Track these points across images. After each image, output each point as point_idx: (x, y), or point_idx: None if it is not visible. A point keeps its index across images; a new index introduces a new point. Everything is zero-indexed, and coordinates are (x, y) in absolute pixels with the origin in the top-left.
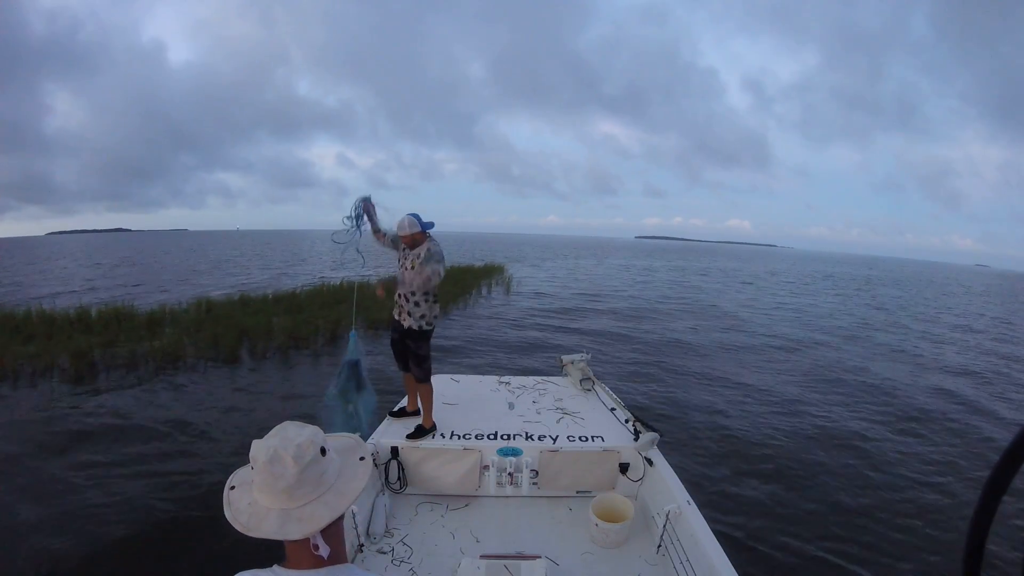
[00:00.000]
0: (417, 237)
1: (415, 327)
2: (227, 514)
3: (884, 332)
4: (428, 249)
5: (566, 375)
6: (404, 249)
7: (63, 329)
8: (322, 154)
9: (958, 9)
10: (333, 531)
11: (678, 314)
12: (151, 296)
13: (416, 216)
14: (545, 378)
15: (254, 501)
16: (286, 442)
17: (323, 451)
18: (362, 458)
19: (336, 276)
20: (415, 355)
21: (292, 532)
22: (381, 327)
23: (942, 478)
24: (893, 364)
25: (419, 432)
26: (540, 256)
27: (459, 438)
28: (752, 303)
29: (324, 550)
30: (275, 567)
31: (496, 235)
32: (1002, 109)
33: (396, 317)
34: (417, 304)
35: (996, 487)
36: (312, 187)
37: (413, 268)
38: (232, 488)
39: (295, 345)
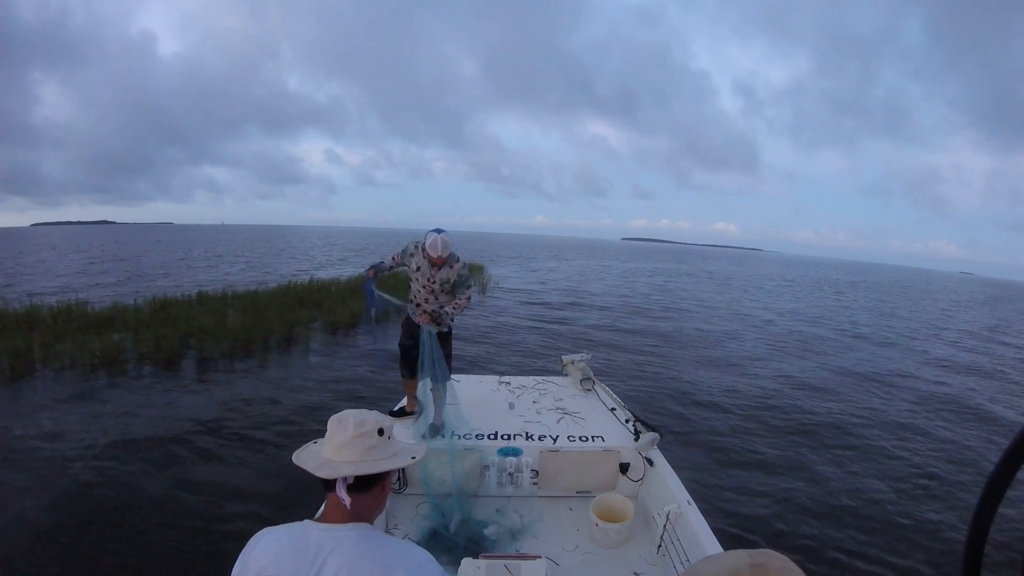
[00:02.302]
0: (448, 257)
1: (445, 330)
2: (304, 446)
3: (883, 335)
4: (459, 275)
5: (566, 375)
6: (431, 267)
7: (8, 328)
8: (310, 150)
9: (954, 14)
10: (369, 499)
11: (678, 317)
12: (120, 289)
13: (442, 232)
14: (545, 378)
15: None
16: (358, 413)
17: (381, 431)
18: (413, 457)
19: (304, 275)
20: (442, 355)
21: (320, 471)
22: (340, 330)
23: (945, 478)
24: (900, 364)
25: (434, 431)
26: (531, 256)
27: (459, 438)
28: (750, 306)
29: (346, 500)
30: (305, 520)
31: (484, 234)
32: (993, 117)
33: (419, 324)
34: (447, 313)
35: (996, 487)
36: (300, 183)
37: (442, 289)
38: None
39: (243, 348)
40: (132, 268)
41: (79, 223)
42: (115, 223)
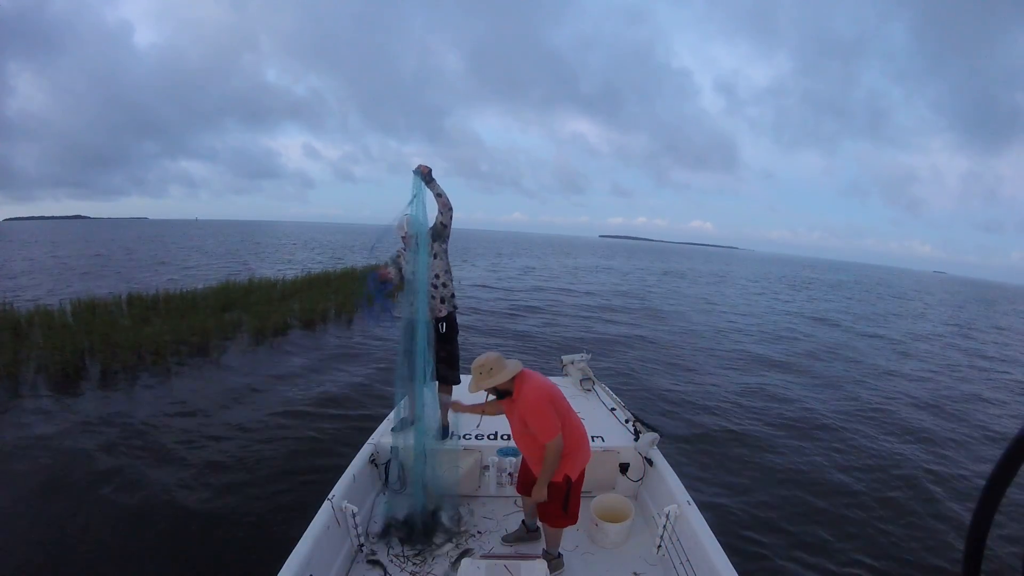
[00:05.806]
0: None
1: (447, 311)
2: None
3: (879, 337)
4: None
5: (566, 375)
6: (406, 250)
7: None
8: (288, 144)
9: (939, 17)
10: None
11: (675, 316)
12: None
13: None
14: None
15: None
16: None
17: None
18: None
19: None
20: (449, 354)
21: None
22: (267, 336)
23: (946, 478)
24: (896, 364)
25: (445, 433)
26: (515, 253)
27: (459, 438)
28: (743, 305)
29: None
30: None
31: (461, 231)
32: (973, 120)
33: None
34: (445, 284)
35: (996, 487)
36: (277, 178)
37: (435, 257)
38: None
39: (152, 361)
40: (90, 264)
41: (52, 218)
42: (88, 218)
